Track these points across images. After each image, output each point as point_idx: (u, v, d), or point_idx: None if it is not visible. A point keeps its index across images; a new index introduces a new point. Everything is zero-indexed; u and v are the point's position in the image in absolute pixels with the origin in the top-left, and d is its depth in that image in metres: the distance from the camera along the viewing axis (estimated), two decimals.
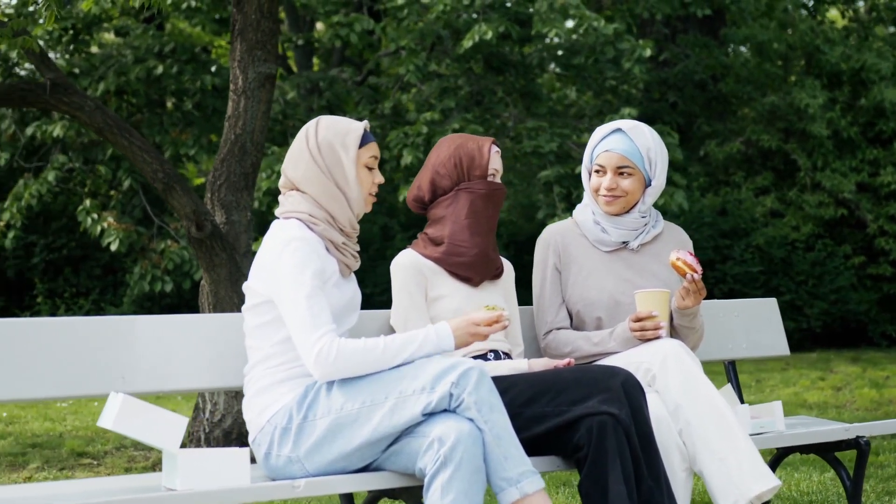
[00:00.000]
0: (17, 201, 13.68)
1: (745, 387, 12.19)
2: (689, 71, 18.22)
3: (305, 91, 16.99)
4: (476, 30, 13.35)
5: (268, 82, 8.41)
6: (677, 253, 4.65)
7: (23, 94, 8.09)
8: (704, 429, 4.32)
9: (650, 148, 4.91)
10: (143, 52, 15.22)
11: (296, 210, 4.12)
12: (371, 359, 3.94)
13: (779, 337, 5.66)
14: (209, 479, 3.72)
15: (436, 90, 14.72)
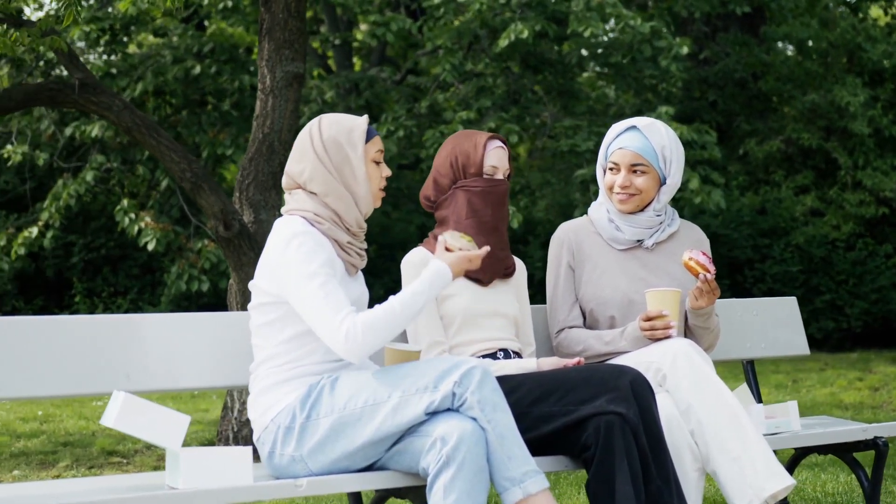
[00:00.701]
0: (55, 201, 13.72)
1: (782, 387, 12.09)
2: (729, 69, 18.11)
3: (345, 91, 17.00)
4: (512, 28, 13.31)
5: (295, 81, 8.41)
6: (690, 252, 4.61)
7: (51, 94, 8.13)
8: (717, 428, 4.28)
9: (665, 146, 4.86)
10: (181, 52, 15.28)
11: (300, 208, 4.11)
12: (395, 321, 3.94)
13: (798, 336, 5.60)
14: (212, 478, 3.71)
15: (473, 89, 14.68)
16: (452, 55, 14.05)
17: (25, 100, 8.09)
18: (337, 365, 4.05)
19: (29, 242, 13.21)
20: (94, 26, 14.18)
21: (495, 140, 4.70)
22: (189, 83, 15.02)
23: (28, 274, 17.05)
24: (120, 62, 14.87)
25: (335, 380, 3.95)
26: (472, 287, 4.58)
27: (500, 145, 4.70)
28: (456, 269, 4.10)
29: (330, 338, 3.90)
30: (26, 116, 14.62)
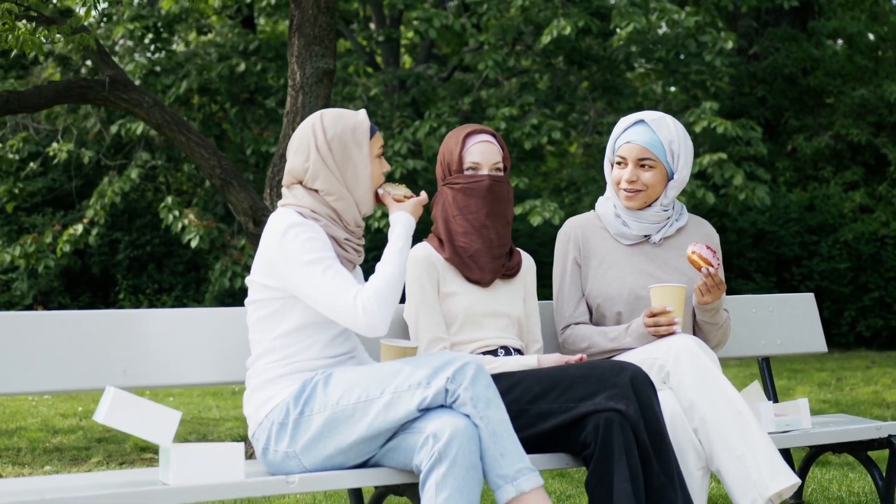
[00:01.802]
0: (100, 199, 13.81)
1: (825, 384, 11.95)
2: (778, 64, 17.97)
3: (392, 87, 17.00)
4: (554, 24, 13.26)
5: (325, 77, 8.39)
6: (694, 246, 4.54)
7: (82, 91, 8.15)
8: (720, 426, 4.21)
9: (673, 140, 4.79)
10: (227, 50, 15.34)
11: (297, 204, 4.08)
12: (396, 283, 3.98)
13: (816, 333, 5.51)
14: (203, 474, 3.69)
15: (516, 86, 14.64)
16: (496, 51, 14.01)
17: (56, 97, 8.11)
18: (333, 360, 4.03)
19: (74, 240, 13.29)
20: (137, 24, 14.27)
21: (479, 135, 4.60)
22: (234, 81, 15.06)
23: (74, 271, 17.19)
24: (164, 60, 14.93)
25: (329, 376, 3.92)
26: (474, 288, 4.53)
27: (486, 140, 4.59)
28: (415, 215, 4.18)
29: (347, 317, 3.88)
30: (72, 115, 14.74)
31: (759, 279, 16.74)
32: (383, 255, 4.03)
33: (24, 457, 8.29)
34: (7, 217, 17.68)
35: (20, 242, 13.48)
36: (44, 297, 17.07)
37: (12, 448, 8.65)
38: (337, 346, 4.06)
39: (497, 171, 4.60)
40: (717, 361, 4.39)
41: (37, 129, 15.21)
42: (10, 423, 10.13)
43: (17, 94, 7.96)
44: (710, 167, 13.03)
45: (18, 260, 13.32)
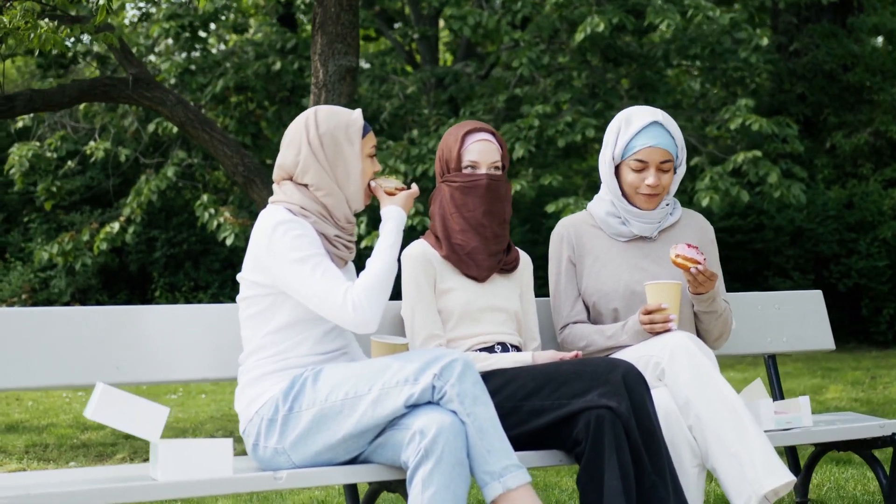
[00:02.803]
0: (137, 197, 13.89)
1: (858, 383, 11.85)
2: (817, 61, 17.84)
3: (431, 85, 17.00)
4: (588, 22, 13.21)
5: (348, 75, 8.41)
6: (675, 249, 4.50)
7: (106, 90, 8.22)
8: (715, 423, 4.18)
9: (680, 137, 4.78)
10: (265, 48, 15.38)
11: (286, 200, 4.08)
12: (387, 278, 3.98)
13: (823, 330, 5.46)
14: (191, 470, 3.70)
15: (551, 83, 14.60)
16: (530, 49, 13.98)
17: (80, 96, 8.18)
18: (324, 357, 4.03)
19: (111, 238, 13.36)
20: (173, 23, 14.34)
21: (478, 133, 4.59)
22: (270, 79, 15.10)
23: (112, 269, 17.30)
24: (200, 59, 15.00)
25: (318, 372, 3.93)
26: (470, 283, 4.52)
27: (485, 138, 4.58)
28: (406, 209, 4.20)
29: (337, 314, 3.89)
30: (110, 113, 14.83)
31: (797, 277, 16.64)
32: (374, 251, 4.03)
33: (51, 453, 8.34)
34: (46, 215, 17.83)
35: (58, 240, 13.57)
36: (81, 295, 17.20)
37: (40, 444, 8.71)
38: (328, 343, 4.06)
39: (495, 169, 4.58)
40: (714, 358, 4.36)
41: (74, 127, 15.31)
42: (41, 420, 10.21)
43: (40, 93, 8.03)
44: (745, 164, 12.96)
45: (56, 258, 13.41)
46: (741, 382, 11.70)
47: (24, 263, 17.79)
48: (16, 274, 17.53)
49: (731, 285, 17.09)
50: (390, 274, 3.99)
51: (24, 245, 17.91)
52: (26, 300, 17.02)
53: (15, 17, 7.11)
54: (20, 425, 9.80)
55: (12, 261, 17.96)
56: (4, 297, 17.21)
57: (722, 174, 12.65)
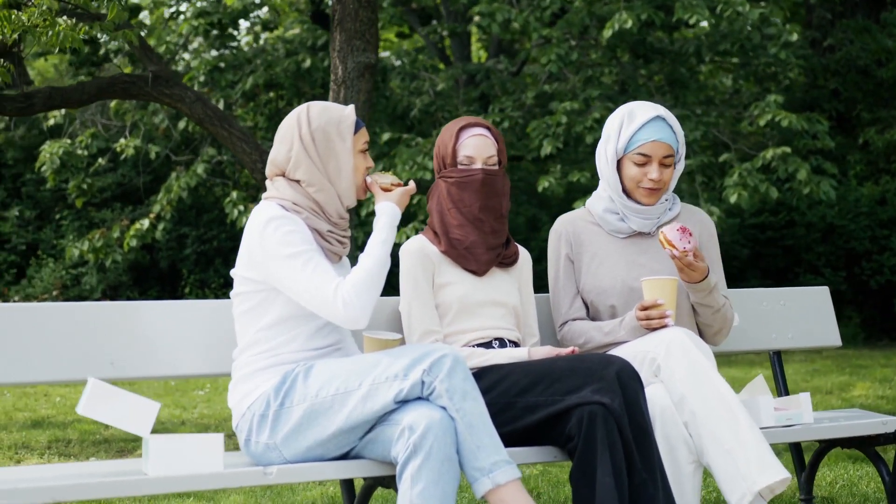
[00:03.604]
0: (167, 194, 13.95)
1: (887, 380, 11.77)
2: (851, 57, 17.73)
3: (462, 82, 16.98)
4: (616, 18, 13.17)
5: (367, 72, 8.43)
6: (663, 228, 4.50)
7: (125, 87, 8.26)
8: (710, 420, 4.15)
9: (681, 133, 4.76)
10: (295, 45, 15.42)
11: (279, 196, 4.08)
12: (378, 274, 3.98)
13: (830, 327, 5.42)
14: (181, 465, 3.71)
15: (580, 80, 14.56)
16: (559, 45, 13.95)
17: (99, 93, 8.22)
18: (316, 353, 4.03)
19: (141, 235, 13.43)
20: (202, 21, 14.39)
21: (473, 128, 4.58)
22: (300, 76, 15.14)
23: (143, 265, 17.39)
24: (230, 56, 15.05)
25: (309, 368, 3.93)
26: (469, 276, 4.52)
27: (480, 133, 4.56)
28: (401, 205, 4.18)
29: (328, 310, 3.89)
30: (141, 111, 14.91)
31: (829, 274, 16.56)
32: (366, 246, 4.03)
33: (73, 448, 8.40)
34: (77, 212, 17.94)
35: (89, 237, 13.64)
36: (112, 292, 17.30)
37: (63, 439, 8.76)
38: (321, 338, 4.06)
39: (492, 164, 4.57)
40: (711, 355, 4.34)
41: (106, 125, 15.40)
42: (67, 416, 10.27)
43: (59, 90, 8.08)
44: (775, 161, 12.89)
45: (87, 254, 13.48)
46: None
47: (56, 260, 17.91)
48: (47, 270, 17.65)
49: (762, 282, 17.02)
50: (381, 270, 3.99)
51: (56, 242, 18.03)
52: (57, 296, 17.14)
53: (33, 14, 7.15)
54: (46, 421, 9.87)
55: (44, 257, 18.08)
56: (36, 293, 17.33)
57: (751, 170, 12.59)
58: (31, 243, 18.44)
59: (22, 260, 18.36)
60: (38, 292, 17.31)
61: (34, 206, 18.77)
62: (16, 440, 8.68)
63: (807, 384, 11.66)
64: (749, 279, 17.35)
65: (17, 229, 18.43)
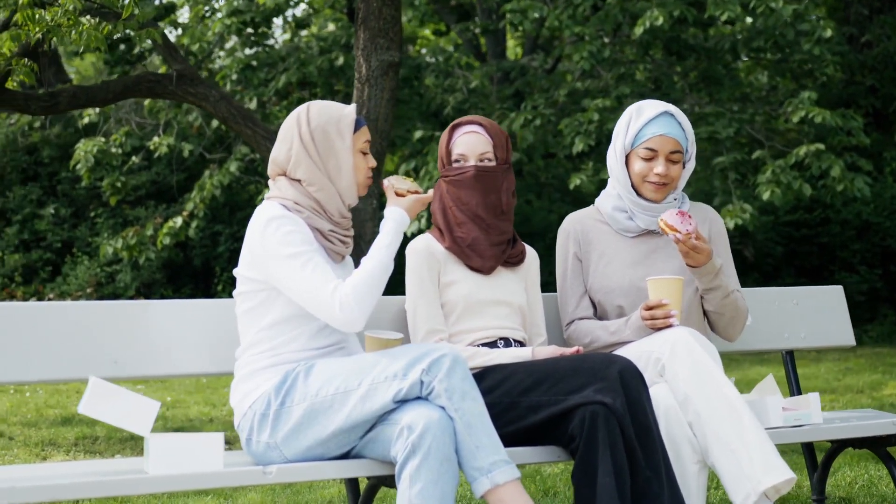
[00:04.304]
0: (200, 192, 14.01)
1: None
2: (888, 52, 17.60)
3: (498, 79, 16.97)
4: (648, 15, 13.13)
5: (391, 70, 8.44)
6: (664, 214, 4.49)
7: (150, 86, 8.29)
8: (715, 420, 4.13)
9: (691, 130, 4.74)
10: (329, 43, 15.43)
11: (280, 196, 4.09)
12: (378, 279, 3.97)
13: (844, 326, 5.38)
14: (181, 464, 3.71)
15: (613, 76, 14.52)
16: (590, 43, 13.91)
17: (124, 91, 8.25)
18: (318, 352, 4.03)
19: (174, 232, 13.49)
20: (234, 20, 14.43)
21: (466, 126, 4.58)
22: (334, 74, 15.15)
23: (177, 263, 17.46)
24: (262, 55, 15.08)
25: (310, 367, 3.93)
26: (474, 276, 4.51)
27: (472, 130, 4.56)
28: (411, 212, 4.16)
29: (325, 312, 3.89)
30: (174, 109, 14.97)
31: (864, 272, 16.44)
32: (370, 249, 4.03)
33: (99, 445, 8.44)
34: (112, 210, 18.03)
35: (122, 235, 13.72)
36: (146, 289, 17.38)
37: (90, 437, 8.80)
38: (323, 338, 4.06)
39: (488, 161, 4.56)
40: (717, 355, 4.31)
41: (140, 123, 15.47)
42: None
43: (84, 89, 8.12)
44: (808, 158, 12.81)
45: (121, 252, 13.56)
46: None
47: (91, 258, 18.01)
48: (82, 268, 17.75)
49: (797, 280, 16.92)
50: (382, 274, 3.98)
51: (91, 240, 18.13)
52: (91, 294, 17.23)
53: (57, 13, 7.19)
54: (75, 418, 9.91)
55: (79, 255, 18.19)
56: (70, 290, 17.43)
57: (784, 168, 12.52)
58: (66, 241, 18.56)
59: (57, 258, 18.47)
60: (72, 290, 17.41)
61: (69, 204, 18.89)
62: (44, 437, 8.73)
63: (839, 382, 11.60)
64: (783, 277, 17.25)
65: (53, 227, 18.55)
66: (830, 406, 9.68)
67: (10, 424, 9.43)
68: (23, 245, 18.60)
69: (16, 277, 18.03)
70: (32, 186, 18.94)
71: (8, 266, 18.15)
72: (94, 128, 15.41)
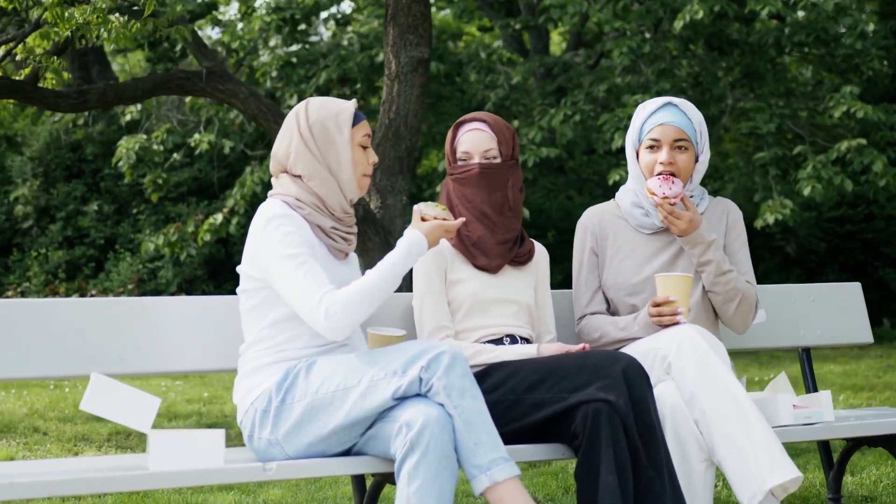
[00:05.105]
0: (241, 188, 14.04)
1: None
2: None
3: (541, 75, 16.94)
4: (688, 9, 13.06)
5: (420, 66, 8.43)
6: (650, 179, 4.57)
7: (180, 83, 8.32)
8: (721, 418, 4.10)
9: (700, 122, 4.71)
10: (370, 40, 15.45)
11: (282, 193, 4.09)
12: (373, 295, 3.93)
13: (861, 323, 5.32)
14: (181, 460, 3.72)
15: (654, 71, 14.45)
16: (630, 38, 13.84)
17: (154, 89, 8.29)
18: (321, 349, 4.03)
19: (214, 229, 13.52)
20: (275, 17, 14.46)
21: (469, 123, 4.57)
22: (374, 70, 15.17)
23: (218, 259, 17.53)
24: (303, 52, 15.11)
25: (311, 364, 3.93)
26: (481, 274, 4.49)
27: (476, 127, 4.55)
28: (430, 237, 4.08)
29: (310, 317, 3.89)
30: (216, 106, 15.03)
31: None
32: (377, 264, 4.01)
33: (132, 440, 8.49)
34: (154, 207, 18.13)
35: (164, 231, 13.77)
36: (188, 285, 17.47)
37: (123, 432, 8.85)
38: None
39: (492, 158, 4.55)
40: (724, 352, 4.27)
41: (182, 120, 15.54)
42: None
43: (113, 87, 8.16)
44: (850, 153, 12.70)
45: (163, 248, 13.61)
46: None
47: (133, 254, 18.13)
48: (125, 265, 17.87)
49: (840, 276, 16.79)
50: (380, 290, 3.94)
51: (134, 236, 18.25)
52: (132, 290, 17.33)
53: (86, 12, 7.23)
54: None
55: (122, 252, 18.31)
56: (113, 287, 17.54)
57: (825, 163, 12.43)
58: (109, 237, 18.69)
59: (100, 254, 18.61)
60: (114, 286, 17.52)
61: (112, 200, 19.01)
62: (78, 432, 8.78)
63: (878, 380, 11.51)
64: (827, 273, 17.13)
65: (96, 224, 18.68)
66: (868, 403, 9.60)
67: (47, 420, 9.49)
68: (66, 242, 18.75)
69: (59, 274, 18.17)
70: (76, 183, 19.08)
71: (52, 262, 18.29)
72: (136, 125, 15.48)
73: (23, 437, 8.50)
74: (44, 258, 18.48)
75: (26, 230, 19.11)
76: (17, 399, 11.05)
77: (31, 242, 18.90)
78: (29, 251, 18.71)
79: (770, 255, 17.02)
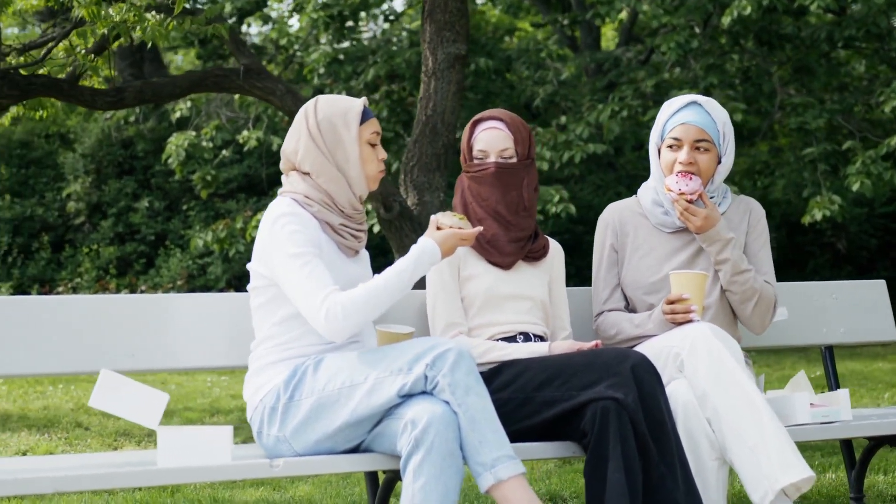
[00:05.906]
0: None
1: None
2: None
3: (592, 71, 16.88)
4: (736, 4, 12.97)
5: (457, 63, 8.42)
6: (669, 176, 4.56)
7: (217, 80, 8.36)
8: (733, 417, 4.06)
9: (725, 122, 4.67)
10: (419, 36, 15.45)
11: (292, 190, 4.10)
12: (378, 300, 3.92)
13: (886, 321, 5.27)
14: (190, 457, 3.74)
15: (702, 66, 14.37)
16: (678, 33, 13.77)
17: (191, 86, 8.33)
18: (328, 347, 4.03)
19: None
20: (322, 13, 14.49)
21: (487, 121, 4.54)
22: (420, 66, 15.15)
23: None
24: (351, 48, 15.13)
25: (319, 361, 3.93)
26: (495, 270, 4.48)
27: (493, 126, 4.53)
28: (444, 246, 4.05)
29: (312, 317, 3.90)
30: (264, 102, 15.08)
31: None
32: (386, 269, 4.01)
33: None
34: (204, 203, 18.25)
35: (212, 227, 13.85)
36: (237, 281, 17.55)
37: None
38: None
39: (508, 157, 4.53)
40: (738, 350, 4.23)
41: (231, 117, 15.62)
42: (178, 404, 10.43)
43: (150, 84, 8.21)
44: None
45: (212, 245, 13.69)
46: None
47: (183, 250, 18.25)
48: (174, 260, 17.99)
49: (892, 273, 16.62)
50: (386, 295, 3.93)
51: (184, 232, 18.37)
52: (182, 286, 17.45)
53: (121, 10, 7.28)
54: None
55: (172, 248, 18.44)
56: (163, 283, 17.66)
57: (875, 158, 12.31)
58: (159, 234, 18.84)
59: (151, 250, 18.76)
60: (164, 282, 17.65)
61: (163, 197, 19.17)
62: (119, 427, 8.85)
63: None
64: (878, 270, 16.97)
65: (147, 220, 18.83)
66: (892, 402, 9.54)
67: (91, 415, 9.57)
68: (118, 238, 18.91)
69: (111, 270, 18.33)
70: (127, 180, 19.24)
71: (103, 259, 18.46)
72: (186, 122, 15.58)
73: (65, 432, 8.57)
74: (95, 254, 18.64)
75: (78, 226, 19.30)
76: (64, 394, 11.16)
77: (83, 238, 19.08)
78: (81, 247, 18.88)
79: (820, 251, 16.90)
